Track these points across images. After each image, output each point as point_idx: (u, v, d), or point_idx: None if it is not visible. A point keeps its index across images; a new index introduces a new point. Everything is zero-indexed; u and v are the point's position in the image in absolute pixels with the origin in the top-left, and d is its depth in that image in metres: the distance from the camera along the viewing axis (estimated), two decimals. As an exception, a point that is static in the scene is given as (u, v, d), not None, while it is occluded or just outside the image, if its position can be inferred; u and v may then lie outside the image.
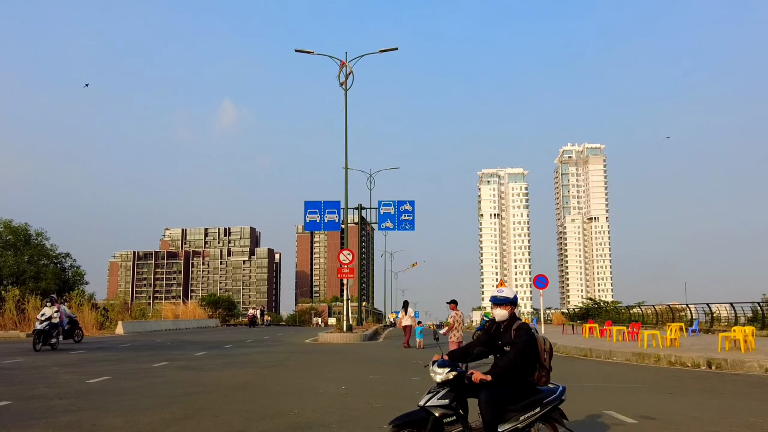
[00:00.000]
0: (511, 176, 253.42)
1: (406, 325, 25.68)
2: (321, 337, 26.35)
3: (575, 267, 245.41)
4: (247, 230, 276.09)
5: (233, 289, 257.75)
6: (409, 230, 37.76)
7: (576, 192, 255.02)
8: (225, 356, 18.13)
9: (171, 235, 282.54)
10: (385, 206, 37.95)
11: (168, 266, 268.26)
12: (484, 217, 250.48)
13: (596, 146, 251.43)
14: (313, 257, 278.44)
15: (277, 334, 33.32)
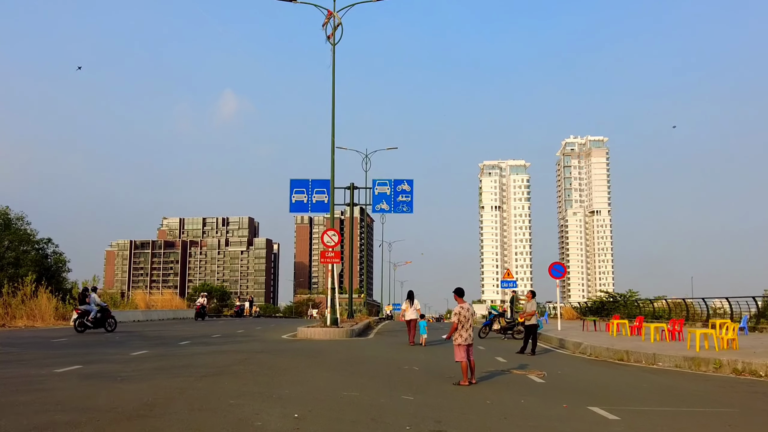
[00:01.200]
0: (512, 168, 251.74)
1: (411, 319, 21.73)
2: (301, 332, 22.36)
3: (576, 261, 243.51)
4: (246, 220, 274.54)
5: (231, 279, 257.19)
6: (407, 212, 33.83)
7: (578, 185, 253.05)
8: (165, 357, 14.17)
9: (169, 224, 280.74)
10: (380, 185, 33.93)
11: (165, 256, 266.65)
12: (485, 209, 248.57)
13: (599, 138, 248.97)
14: (312, 248, 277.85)
15: (255, 328, 29.37)
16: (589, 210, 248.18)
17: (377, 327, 33.11)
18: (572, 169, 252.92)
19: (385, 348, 19.07)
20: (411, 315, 21.84)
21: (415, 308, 22.06)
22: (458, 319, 11.17)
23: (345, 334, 22.20)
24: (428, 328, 21.79)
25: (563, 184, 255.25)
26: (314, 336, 21.72)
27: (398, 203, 33.73)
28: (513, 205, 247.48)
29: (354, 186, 34.04)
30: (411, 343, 21.03)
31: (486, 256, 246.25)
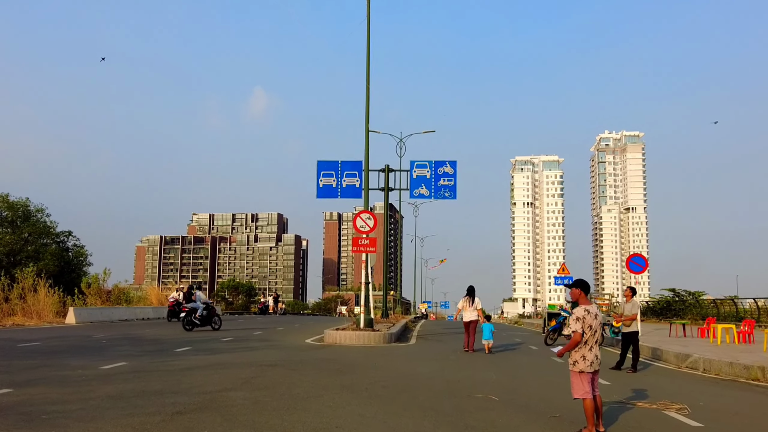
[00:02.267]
0: (545, 164, 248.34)
1: (471, 320, 17.80)
2: (328, 335, 18.31)
3: (611, 259, 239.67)
4: (275, 216, 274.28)
5: (260, 275, 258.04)
6: (450, 198, 29.55)
7: (613, 181, 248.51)
8: (141, 375, 10.26)
9: (198, 220, 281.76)
10: (418, 168, 29.78)
11: (195, 251, 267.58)
12: (516, 206, 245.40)
13: (635, 134, 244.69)
14: (340, 244, 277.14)
15: (276, 329, 25.49)
16: (624, 207, 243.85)
17: (416, 328, 29.05)
18: (607, 165, 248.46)
19: (437, 359, 14.85)
20: (470, 316, 17.80)
21: (475, 307, 17.98)
22: (582, 329, 6.94)
23: (381, 339, 18.12)
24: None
25: (597, 180, 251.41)
26: (345, 341, 17.71)
27: (439, 188, 29.49)
28: (546, 202, 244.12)
29: (389, 168, 29.95)
30: (468, 349, 17.22)
31: (517, 254, 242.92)
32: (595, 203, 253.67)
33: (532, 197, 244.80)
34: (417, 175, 29.74)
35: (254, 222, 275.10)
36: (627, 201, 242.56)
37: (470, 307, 17.98)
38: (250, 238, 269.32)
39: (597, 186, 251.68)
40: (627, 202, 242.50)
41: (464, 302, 18.21)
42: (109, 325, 25.26)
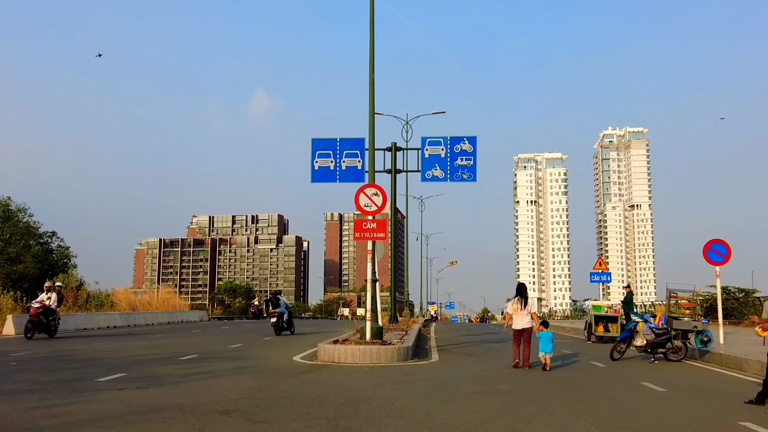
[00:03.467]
0: (549, 161, 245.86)
1: (523, 328, 13.51)
2: (324, 351, 13.60)
3: (616, 257, 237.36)
4: (275, 217, 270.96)
5: (260, 277, 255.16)
6: (469, 180, 24.84)
7: (617, 178, 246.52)
8: None
9: (198, 222, 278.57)
10: (431, 145, 25.10)
11: (194, 254, 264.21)
12: (520, 204, 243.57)
13: (639, 130, 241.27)
14: (342, 245, 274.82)
15: (263, 338, 20.85)
16: (629, 204, 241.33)
17: (431, 335, 24.30)
18: (611, 162, 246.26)
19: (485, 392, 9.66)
20: (524, 321, 13.43)
21: (528, 311, 13.57)
22: None
23: (395, 356, 13.34)
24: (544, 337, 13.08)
25: (601, 177, 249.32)
26: (346, 358, 13.01)
27: (456, 168, 24.76)
28: (549, 200, 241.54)
29: (397, 147, 25.31)
30: (521, 364, 13.12)
31: (522, 252, 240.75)
32: (599, 201, 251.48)
33: (536, 195, 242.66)
34: (430, 153, 25.08)
35: (254, 223, 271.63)
36: (631, 198, 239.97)
37: (523, 310, 13.49)
38: (250, 239, 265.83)
39: (601, 183, 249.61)
40: (631, 200, 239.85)
41: (515, 305, 13.70)
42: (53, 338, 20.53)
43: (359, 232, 13.92)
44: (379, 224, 13.91)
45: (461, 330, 31.26)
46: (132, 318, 28.86)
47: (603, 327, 20.97)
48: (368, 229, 13.89)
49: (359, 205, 14.12)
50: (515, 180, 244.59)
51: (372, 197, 13.99)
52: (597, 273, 27.52)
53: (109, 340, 19.36)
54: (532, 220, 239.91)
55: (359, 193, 14.14)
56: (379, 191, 14.08)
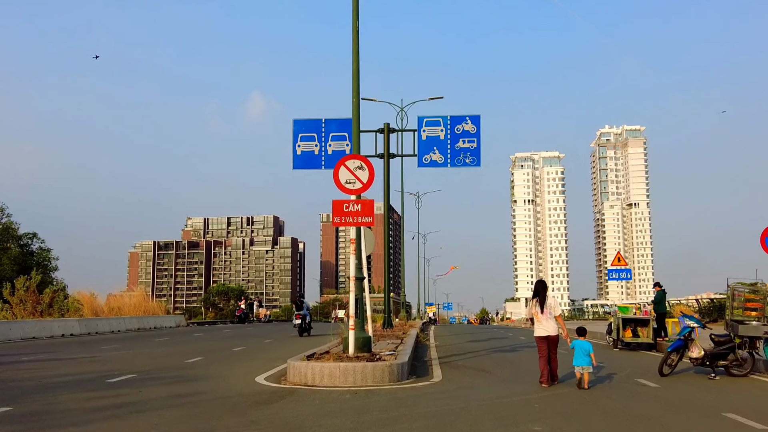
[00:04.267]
0: (546, 160, 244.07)
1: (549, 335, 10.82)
2: (294, 369, 10.39)
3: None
4: (271, 219, 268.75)
5: (256, 279, 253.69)
6: (472, 165, 21.73)
7: (614, 176, 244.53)
8: None
9: (193, 224, 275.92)
10: (429, 125, 22.03)
11: (189, 256, 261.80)
12: (517, 204, 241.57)
13: (636, 128, 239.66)
14: (338, 246, 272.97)
15: (232, 349, 17.70)
16: (627, 203, 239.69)
17: (430, 342, 21.16)
18: (608, 160, 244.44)
19: None
20: (548, 327, 10.69)
21: (552, 312, 10.79)
22: None
23: (385, 376, 10.13)
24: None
25: (598, 176, 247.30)
26: (322, 380, 9.87)
27: (458, 151, 21.68)
28: (547, 199, 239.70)
29: (390, 128, 22.27)
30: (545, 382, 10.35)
31: (519, 252, 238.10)
32: (597, 199, 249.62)
33: (533, 194, 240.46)
34: (427, 135, 22.01)
35: (250, 225, 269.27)
36: (629, 197, 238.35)
37: (544, 314, 10.70)
38: (245, 241, 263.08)
39: (598, 182, 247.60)
40: (629, 198, 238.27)
41: (534, 306, 10.87)
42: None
43: (340, 216, 10.84)
44: (364, 206, 10.83)
45: (463, 334, 28.19)
46: (93, 325, 25.71)
47: (631, 331, 17.96)
48: (351, 212, 10.81)
49: (339, 181, 11.06)
50: (512, 179, 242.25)
51: (356, 171, 10.92)
52: (616, 270, 24.47)
53: (46, 353, 16.24)
54: (529, 220, 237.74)
55: (339, 166, 11.07)
56: (364, 164, 11.00)
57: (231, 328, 32.11)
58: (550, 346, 10.72)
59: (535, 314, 10.89)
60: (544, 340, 10.77)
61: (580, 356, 10.48)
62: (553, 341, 10.76)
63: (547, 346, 10.73)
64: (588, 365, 10.38)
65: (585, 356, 10.47)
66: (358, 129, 12.97)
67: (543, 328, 10.74)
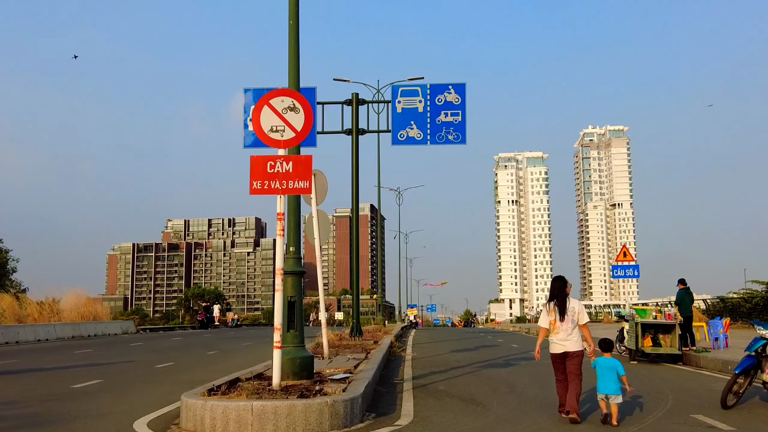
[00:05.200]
0: (529, 160, 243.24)
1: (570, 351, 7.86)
2: (188, 411, 6.61)
3: (597, 256, 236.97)
4: (252, 221, 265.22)
5: (237, 281, 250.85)
6: (456, 142, 18.14)
7: (598, 177, 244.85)
8: None
9: (173, 226, 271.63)
10: (406, 96, 18.46)
11: (169, 258, 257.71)
12: (501, 204, 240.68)
13: (619, 128, 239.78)
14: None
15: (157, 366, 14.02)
16: (610, 203, 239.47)
17: (407, 353, 17.50)
18: (591, 160, 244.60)
19: None
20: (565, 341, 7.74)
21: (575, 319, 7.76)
22: None
23: (325, 421, 6.22)
24: None
25: (582, 176, 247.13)
26: (226, 431, 6.39)
27: (439, 127, 18.14)
28: (531, 199, 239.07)
29: (359, 98, 18.72)
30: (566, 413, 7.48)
31: (503, 253, 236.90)
32: (581, 200, 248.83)
33: (517, 195, 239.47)
34: (403, 107, 18.48)
35: (231, 227, 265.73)
36: (613, 197, 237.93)
37: (565, 322, 7.73)
38: (226, 243, 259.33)
39: (582, 182, 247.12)
40: (613, 198, 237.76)
41: (550, 314, 7.87)
42: None
43: (261, 180, 7.16)
44: (298, 165, 7.21)
45: (447, 341, 24.58)
46: (13, 333, 21.87)
47: (651, 339, 14.59)
48: (278, 175, 7.19)
49: (261, 129, 7.38)
50: (496, 179, 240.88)
51: (285, 114, 7.30)
52: (621, 266, 21.09)
53: None
54: (513, 220, 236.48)
55: (260, 107, 7.45)
56: (298, 103, 7.33)
57: (183, 336, 28.32)
58: (569, 364, 7.62)
59: (552, 323, 7.69)
60: (562, 359, 7.67)
61: (606, 380, 7.44)
62: (573, 359, 7.60)
63: (563, 365, 7.67)
64: (617, 393, 7.35)
65: (613, 380, 7.41)
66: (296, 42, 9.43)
67: (561, 342, 7.62)
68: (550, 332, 7.80)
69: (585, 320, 7.80)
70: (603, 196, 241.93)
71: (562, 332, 7.64)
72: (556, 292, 7.86)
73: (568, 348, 7.61)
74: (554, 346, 7.76)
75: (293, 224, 8.64)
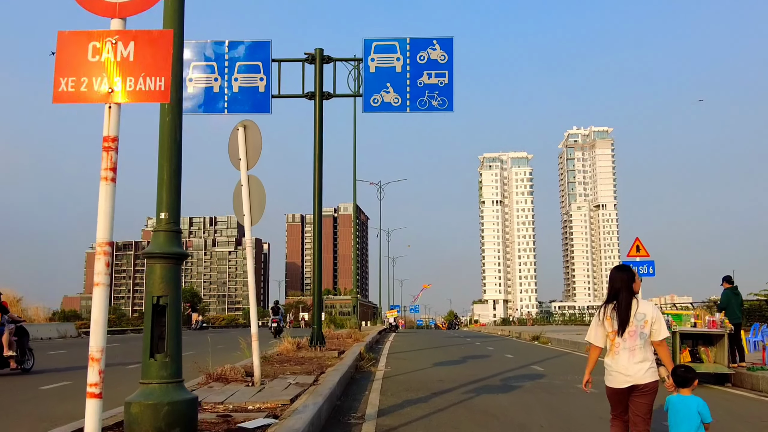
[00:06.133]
0: (514, 161, 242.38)
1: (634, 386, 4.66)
2: None
3: (581, 257, 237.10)
4: (234, 219, 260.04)
5: (218, 281, 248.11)
6: (441, 109, 14.54)
7: (582, 178, 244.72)
8: None
9: (153, 224, 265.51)
10: (381, 52, 14.83)
11: None
12: (485, 204, 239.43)
13: (603, 129, 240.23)
14: (304, 247, 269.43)
15: (40, 387, 10.51)
16: (594, 204, 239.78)
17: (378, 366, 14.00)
18: (576, 161, 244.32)
19: None
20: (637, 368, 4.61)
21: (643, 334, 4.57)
22: None
23: None
24: None
25: (566, 177, 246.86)
26: None
27: (421, 90, 14.62)
28: (515, 200, 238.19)
29: (324, 55, 15.15)
30: None
31: (487, 254, 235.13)
32: (565, 201, 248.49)
33: (501, 195, 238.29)
34: (378, 66, 14.93)
35: (212, 226, 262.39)
36: (597, 198, 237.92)
37: (630, 336, 4.65)
38: (207, 242, 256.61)
39: (566, 183, 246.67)
40: (597, 200, 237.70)
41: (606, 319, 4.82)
42: None
43: (72, 77, 3.79)
44: (144, 45, 3.76)
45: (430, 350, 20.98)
46: None
47: (689, 353, 11.33)
48: (105, 65, 3.84)
49: None
50: (480, 180, 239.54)
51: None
52: (633, 262, 17.88)
53: None
54: (497, 221, 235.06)
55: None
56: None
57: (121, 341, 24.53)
58: (633, 404, 4.75)
59: (610, 338, 4.82)
60: (623, 396, 4.80)
61: (683, 428, 4.66)
62: (644, 398, 4.73)
63: (623, 403, 4.83)
64: None
65: (695, 426, 4.67)
66: None
67: (625, 370, 4.73)
68: (607, 352, 4.78)
69: (663, 334, 4.72)
70: (587, 197, 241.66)
71: (625, 353, 4.68)
72: (618, 287, 4.74)
73: (636, 379, 4.65)
74: (614, 376, 4.77)
75: (169, 171, 5.28)
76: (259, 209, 8.57)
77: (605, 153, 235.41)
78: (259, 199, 8.58)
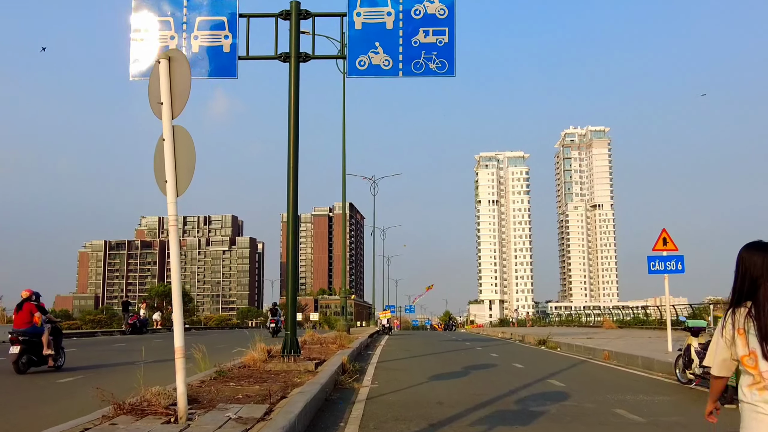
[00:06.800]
0: (510, 160, 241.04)
1: None
2: None
3: (578, 257, 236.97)
4: (229, 218, 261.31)
5: (212, 281, 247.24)
6: (441, 74, 12.04)
7: (579, 178, 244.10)
8: None
9: (147, 223, 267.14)
10: (367, 6, 12.49)
11: (142, 257, 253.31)
12: (481, 204, 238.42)
13: (600, 129, 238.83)
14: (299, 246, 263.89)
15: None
16: (591, 204, 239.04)
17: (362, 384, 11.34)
18: (572, 161, 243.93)
19: None
20: None
21: None
22: None
23: None
24: None
25: (563, 177, 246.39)
26: None
27: (417, 49, 12.12)
28: (511, 199, 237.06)
29: (302, 10, 12.57)
30: None
31: (483, 253, 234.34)
32: (561, 201, 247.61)
33: (498, 195, 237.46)
34: (365, 22, 12.42)
35: (207, 225, 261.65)
36: (593, 198, 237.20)
37: None
38: (202, 241, 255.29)
39: (563, 183, 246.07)
40: (593, 199, 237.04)
41: (738, 331, 2.75)
42: None
43: None
44: None
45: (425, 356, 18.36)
46: None
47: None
48: None
49: None
50: (477, 179, 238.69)
51: None
52: (659, 257, 15.51)
53: None
54: (494, 220, 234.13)
55: None
56: None
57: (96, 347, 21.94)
58: None
59: (748, 364, 2.82)
60: None
61: None
62: None
63: None
64: None
65: None
66: None
67: None
68: (748, 381, 2.95)
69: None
70: (584, 196, 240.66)
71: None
72: (757, 274, 2.92)
73: None
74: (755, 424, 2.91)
75: None
76: (188, 173, 6.08)
77: (602, 153, 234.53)
78: (187, 158, 6.10)
